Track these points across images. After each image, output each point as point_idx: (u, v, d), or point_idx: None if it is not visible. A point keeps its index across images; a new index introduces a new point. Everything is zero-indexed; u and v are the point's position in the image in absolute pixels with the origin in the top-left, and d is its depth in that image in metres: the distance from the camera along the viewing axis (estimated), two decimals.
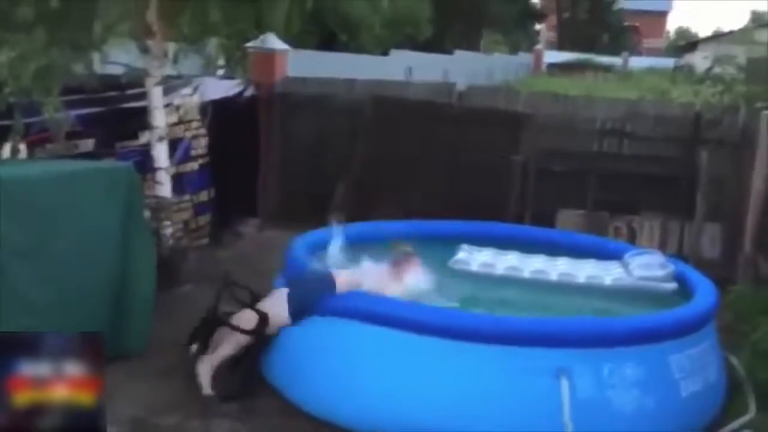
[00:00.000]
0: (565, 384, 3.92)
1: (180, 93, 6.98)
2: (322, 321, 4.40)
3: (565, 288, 5.28)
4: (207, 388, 4.32)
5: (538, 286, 5.31)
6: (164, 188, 6.32)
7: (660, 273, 5.23)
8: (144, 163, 6.30)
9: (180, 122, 6.94)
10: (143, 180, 6.03)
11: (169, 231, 6.28)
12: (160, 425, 4.12)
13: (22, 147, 5.41)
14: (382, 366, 4.19)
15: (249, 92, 8.03)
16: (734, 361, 4.92)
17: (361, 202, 7.71)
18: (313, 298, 4.41)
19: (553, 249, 5.84)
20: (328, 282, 4.46)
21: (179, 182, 6.84)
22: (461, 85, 9.16)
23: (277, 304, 4.44)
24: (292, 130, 8.51)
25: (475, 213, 6.53)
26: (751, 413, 4.43)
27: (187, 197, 7.02)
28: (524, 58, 36.28)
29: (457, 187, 7.91)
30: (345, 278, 4.51)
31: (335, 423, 4.15)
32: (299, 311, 4.41)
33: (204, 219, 7.28)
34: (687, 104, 8.62)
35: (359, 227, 6.08)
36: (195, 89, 7.19)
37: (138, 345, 4.66)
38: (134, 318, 4.63)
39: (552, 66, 35.67)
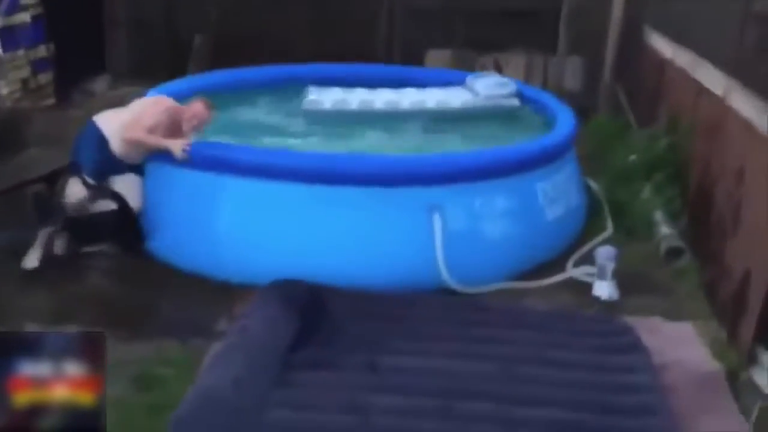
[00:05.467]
0: (437, 220, 3.96)
1: None
2: (178, 172, 4.16)
3: (418, 114, 5.34)
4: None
5: (392, 116, 5.33)
6: None
7: (504, 91, 5.54)
8: None
9: None
10: None
11: (4, 91, 5.78)
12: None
13: None
14: (249, 216, 4.05)
15: None
16: (593, 184, 5.15)
17: (222, 54, 7.24)
18: (89, 152, 4.17)
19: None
20: (93, 128, 4.20)
21: (10, 36, 6.19)
22: None
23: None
24: None
25: (343, 59, 6.29)
26: (608, 231, 4.69)
27: (21, 53, 6.33)
28: None
29: (323, 33, 7.55)
30: (109, 117, 4.25)
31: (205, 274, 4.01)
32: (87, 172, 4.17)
33: (45, 77, 6.63)
34: None
35: (216, 75, 5.82)
36: None
37: None
38: None
39: None
